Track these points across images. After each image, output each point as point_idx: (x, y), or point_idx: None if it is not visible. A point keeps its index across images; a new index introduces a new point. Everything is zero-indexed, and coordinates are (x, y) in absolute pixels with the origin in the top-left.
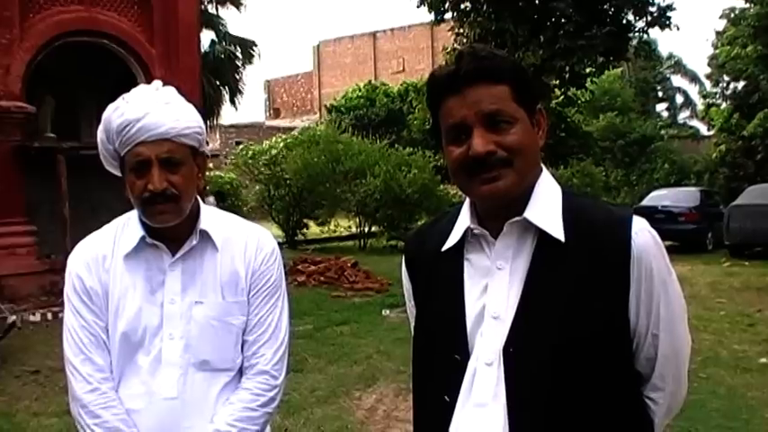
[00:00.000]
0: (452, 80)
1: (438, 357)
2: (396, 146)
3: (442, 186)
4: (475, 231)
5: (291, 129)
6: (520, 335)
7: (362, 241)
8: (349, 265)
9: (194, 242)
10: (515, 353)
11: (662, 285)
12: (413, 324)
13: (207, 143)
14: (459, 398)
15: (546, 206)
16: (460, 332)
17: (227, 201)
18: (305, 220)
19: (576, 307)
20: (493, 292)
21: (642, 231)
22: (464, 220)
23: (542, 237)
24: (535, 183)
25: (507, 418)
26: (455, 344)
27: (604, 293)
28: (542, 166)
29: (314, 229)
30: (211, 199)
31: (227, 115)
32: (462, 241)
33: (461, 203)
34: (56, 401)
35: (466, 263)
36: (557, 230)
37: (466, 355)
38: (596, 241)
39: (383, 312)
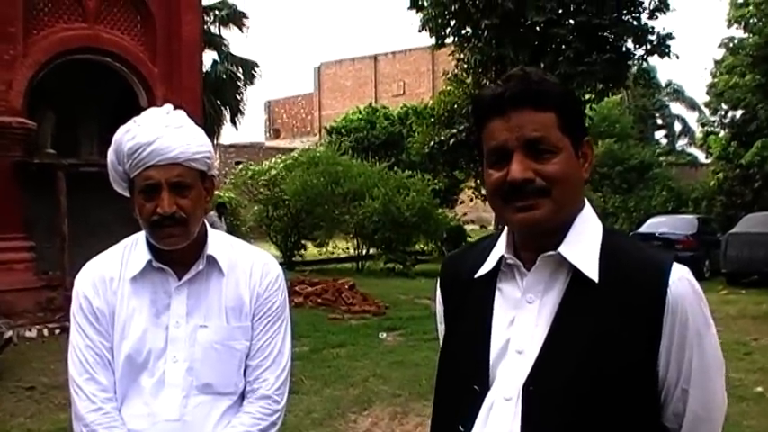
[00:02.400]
0: (498, 101)
1: (458, 385)
2: (395, 169)
3: (440, 210)
4: (509, 261)
5: (291, 150)
6: (542, 373)
7: (360, 263)
8: (346, 287)
9: (201, 267)
10: (536, 391)
11: (696, 338)
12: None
13: (215, 166)
14: (473, 429)
15: (583, 243)
16: (483, 363)
17: (227, 219)
18: (303, 242)
19: (603, 351)
20: (519, 325)
21: (681, 280)
22: (500, 249)
23: (576, 274)
24: (575, 217)
25: None
26: (476, 374)
27: (633, 341)
28: (586, 201)
29: (312, 251)
30: (213, 213)
31: (228, 135)
32: (497, 269)
33: (500, 232)
34: (50, 419)
35: (497, 292)
36: (591, 269)
37: (485, 387)
38: (631, 285)
39: (380, 335)
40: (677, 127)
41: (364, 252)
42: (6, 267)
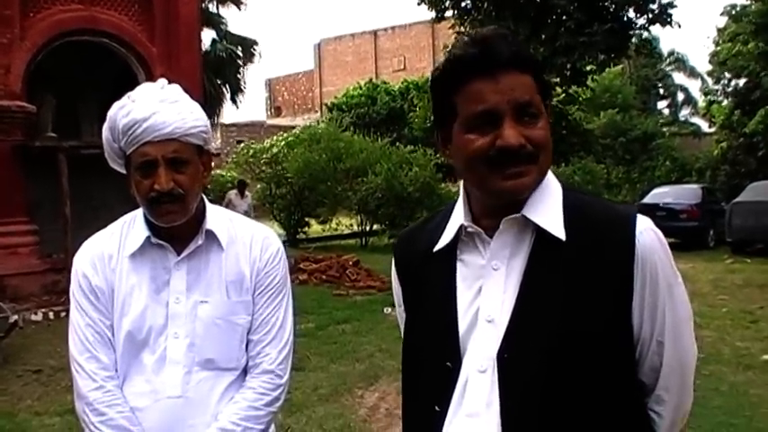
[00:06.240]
0: (485, 62)
1: (428, 364)
2: (397, 144)
3: (443, 184)
4: (469, 230)
5: (292, 127)
6: (515, 340)
7: (364, 239)
8: (350, 263)
9: (200, 242)
10: (510, 359)
11: (667, 289)
12: (403, 329)
13: (212, 141)
14: (450, 407)
15: (546, 203)
16: (452, 337)
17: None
18: (306, 219)
19: (576, 310)
20: (487, 293)
21: (647, 231)
22: (458, 218)
23: (541, 235)
24: None
25: (501, 429)
26: (446, 350)
27: (606, 297)
28: None
29: (315, 228)
30: (232, 192)
31: (229, 114)
32: (455, 241)
33: (452, 203)
34: (58, 401)
35: (459, 263)
36: (557, 228)
37: (458, 362)
38: (598, 240)
39: (385, 310)
40: (680, 97)
41: (368, 228)
42: (10, 251)
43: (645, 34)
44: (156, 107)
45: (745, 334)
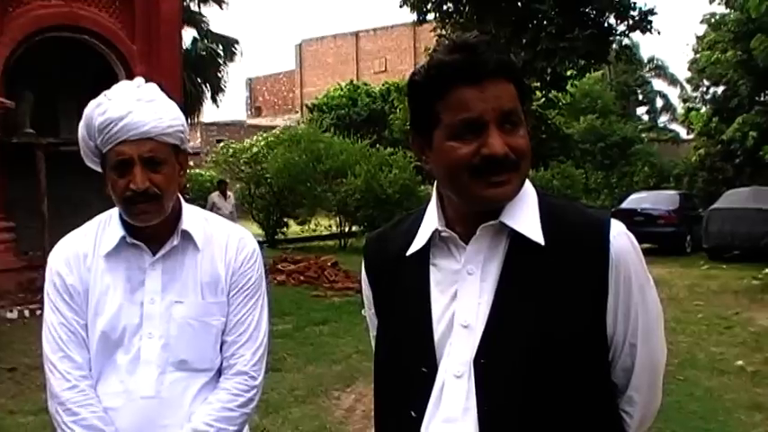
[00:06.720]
0: (471, 69)
1: (403, 370)
2: (377, 146)
3: (422, 186)
4: (443, 234)
5: (273, 127)
6: (492, 345)
7: (343, 241)
8: (329, 264)
9: (175, 242)
10: (487, 364)
11: (640, 292)
12: (372, 334)
13: (188, 141)
14: (426, 413)
15: (523, 209)
16: (427, 342)
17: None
18: (285, 219)
19: (553, 315)
20: (463, 298)
21: (620, 235)
22: (431, 223)
23: (515, 240)
24: None
25: None
26: (422, 355)
27: (582, 300)
28: None
29: (294, 229)
30: (215, 194)
31: (209, 113)
32: (428, 245)
33: (423, 208)
34: (32, 399)
35: (432, 268)
36: (535, 234)
37: (433, 368)
38: (573, 245)
39: (362, 312)
40: (659, 103)
41: (347, 229)
42: None
43: (625, 40)
44: (133, 106)
45: (720, 339)
